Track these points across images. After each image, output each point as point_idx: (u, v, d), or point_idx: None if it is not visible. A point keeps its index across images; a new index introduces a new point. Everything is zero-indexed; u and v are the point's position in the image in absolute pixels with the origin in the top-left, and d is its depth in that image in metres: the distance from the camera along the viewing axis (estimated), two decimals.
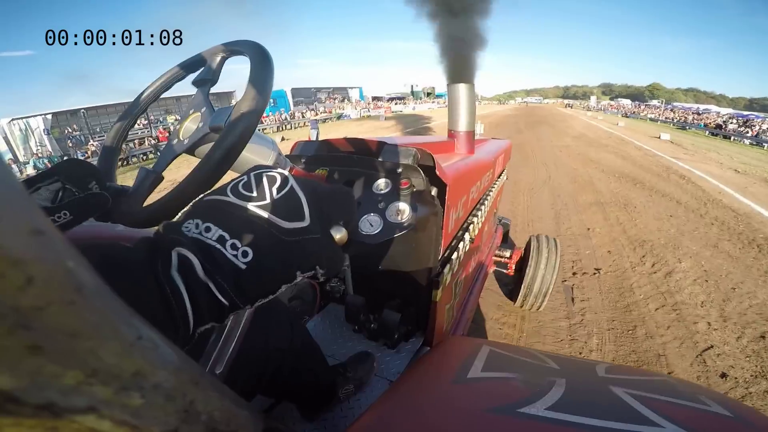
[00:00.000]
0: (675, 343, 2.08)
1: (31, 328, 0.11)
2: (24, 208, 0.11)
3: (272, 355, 0.59)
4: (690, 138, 15.86)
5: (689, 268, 2.92)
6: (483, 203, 1.46)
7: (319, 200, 0.32)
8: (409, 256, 0.96)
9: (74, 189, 0.43)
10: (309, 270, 0.29)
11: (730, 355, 1.98)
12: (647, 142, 11.99)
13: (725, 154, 10.67)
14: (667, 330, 2.19)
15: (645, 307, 2.42)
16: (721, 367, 1.90)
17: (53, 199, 0.42)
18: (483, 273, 1.82)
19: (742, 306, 2.43)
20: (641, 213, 4.29)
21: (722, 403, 0.43)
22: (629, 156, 8.66)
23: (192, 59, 0.57)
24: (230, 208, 0.28)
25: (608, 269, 2.94)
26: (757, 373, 1.85)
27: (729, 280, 2.76)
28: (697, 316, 2.32)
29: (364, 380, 0.89)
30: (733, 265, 3.00)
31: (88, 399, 0.13)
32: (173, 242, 0.25)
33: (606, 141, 11.67)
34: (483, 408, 0.41)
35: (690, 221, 4.04)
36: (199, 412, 0.19)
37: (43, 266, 0.11)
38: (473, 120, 1.50)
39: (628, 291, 2.62)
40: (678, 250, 3.27)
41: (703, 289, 2.64)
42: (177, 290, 0.24)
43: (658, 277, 2.80)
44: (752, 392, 1.74)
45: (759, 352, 1.99)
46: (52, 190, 0.42)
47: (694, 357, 1.97)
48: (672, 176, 6.43)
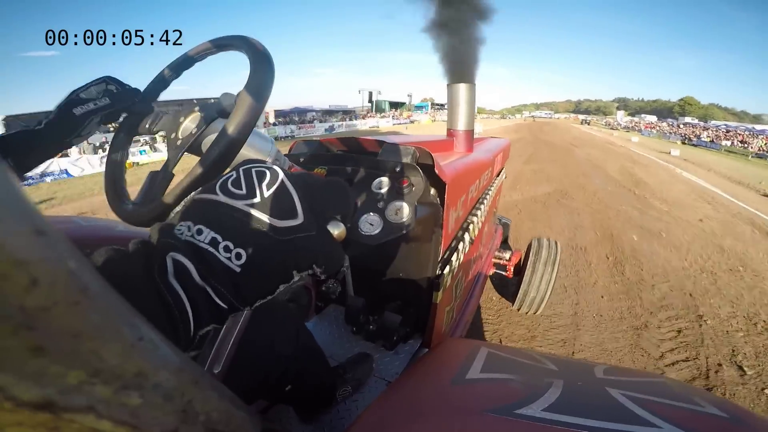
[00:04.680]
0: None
1: (35, 328, 0.11)
2: (25, 209, 0.11)
3: (278, 361, 0.58)
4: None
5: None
6: (482, 202, 1.47)
7: (312, 195, 0.31)
8: (409, 256, 0.96)
9: (115, 88, 0.55)
10: (306, 269, 0.29)
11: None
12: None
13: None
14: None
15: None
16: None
17: (102, 94, 0.53)
18: (483, 274, 1.82)
19: None
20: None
21: (718, 404, 0.44)
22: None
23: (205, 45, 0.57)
24: (221, 208, 0.28)
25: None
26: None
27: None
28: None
29: (362, 381, 0.89)
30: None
31: (89, 399, 0.14)
32: (167, 246, 0.25)
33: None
34: (480, 409, 0.41)
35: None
36: (197, 412, 0.19)
37: (47, 267, 0.11)
38: (472, 119, 1.51)
39: None
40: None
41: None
42: (177, 296, 0.24)
43: None
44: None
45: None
46: (100, 90, 0.54)
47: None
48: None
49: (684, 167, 10.03)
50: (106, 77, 0.56)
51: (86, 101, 0.53)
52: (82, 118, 0.52)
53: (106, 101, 0.54)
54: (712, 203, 5.77)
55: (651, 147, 17.22)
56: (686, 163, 11.67)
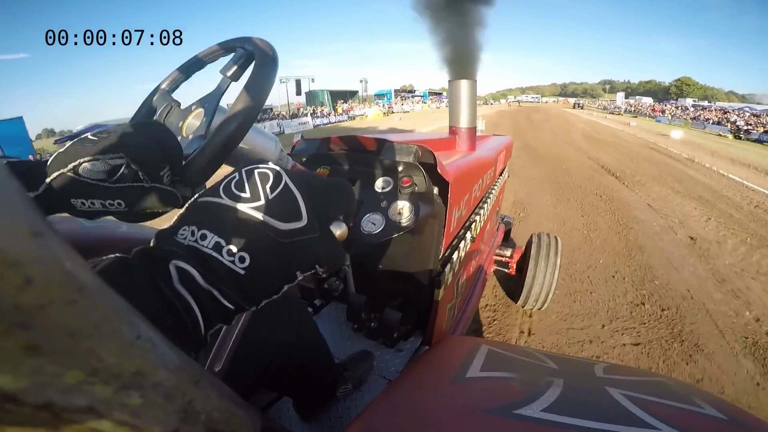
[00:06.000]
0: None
1: (30, 327, 0.11)
2: (23, 211, 0.11)
3: (278, 348, 0.59)
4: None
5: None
6: (485, 201, 1.46)
7: (316, 196, 0.31)
8: (410, 255, 0.96)
9: (141, 172, 0.36)
10: (309, 269, 0.29)
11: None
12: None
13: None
14: None
15: None
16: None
17: (109, 174, 0.36)
18: (484, 272, 1.82)
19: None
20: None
21: (717, 405, 0.44)
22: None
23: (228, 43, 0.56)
24: (225, 211, 0.28)
25: None
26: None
27: None
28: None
29: (363, 379, 0.89)
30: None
31: (88, 399, 0.13)
32: (169, 254, 0.25)
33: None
34: (479, 408, 0.41)
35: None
36: (198, 411, 0.19)
37: (41, 267, 0.11)
38: (474, 117, 1.50)
39: None
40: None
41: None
42: (184, 300, 0.24)
43: None
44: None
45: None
46: (112, 164, 0.36)
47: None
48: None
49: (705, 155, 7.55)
50: (129, 143, 0.36)
51: (90, 191, 0.34)
52: (89, 214, 0.37)
53: (119, 207, 0.35)
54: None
55: (728, 149, 11.22)
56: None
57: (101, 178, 0.35)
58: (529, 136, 11.94)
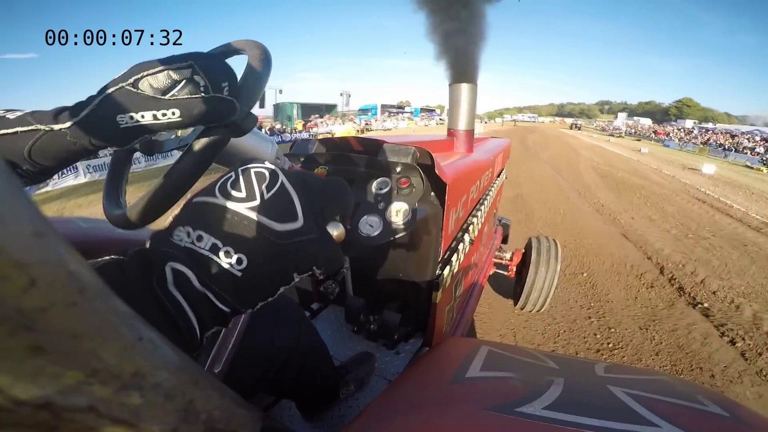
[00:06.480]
0: None
1: (33, 329, 0.11)
2: (25, 211, 0.11)
3: (278, 353, 0.58)
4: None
5: None
6: (483, 203, 1.47)
7: (312, 196, 0.30)
8: (409, 257, 0.96)
9: (203, 83, 0.35)
10: (306, 271, 0.29)
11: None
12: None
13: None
14: None
15: None
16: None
17: (168, 88, 0.35)
18: (483, 274, 1.82)
19: None
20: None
21: (720, 403, 0.43)
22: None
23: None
24: (221, 212, 0.27)
25: None
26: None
27: None
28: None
29: (364, 380, 0.89)
30: None
31: (88, 398, 0.14)
32: (165, 256, 0.25)
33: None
34: (480, 407, 0.41)
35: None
36: (198, 411, 0.19)
37: (45, 268, 0.11)
38: (473, 119, 1.51)
39: None
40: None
41: None
42: (178, 304, 0.24)
43: None
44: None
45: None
46: (174, 78, 0.35)
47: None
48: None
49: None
50: (192, 55, 0.35)
51: (144, 104, 0.33)
52: (126, 136, 0.35)
53: (173, 116, 0.33)
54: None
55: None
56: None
57: (161, 90, 0.35)
58: (522, 173, 7.63)
